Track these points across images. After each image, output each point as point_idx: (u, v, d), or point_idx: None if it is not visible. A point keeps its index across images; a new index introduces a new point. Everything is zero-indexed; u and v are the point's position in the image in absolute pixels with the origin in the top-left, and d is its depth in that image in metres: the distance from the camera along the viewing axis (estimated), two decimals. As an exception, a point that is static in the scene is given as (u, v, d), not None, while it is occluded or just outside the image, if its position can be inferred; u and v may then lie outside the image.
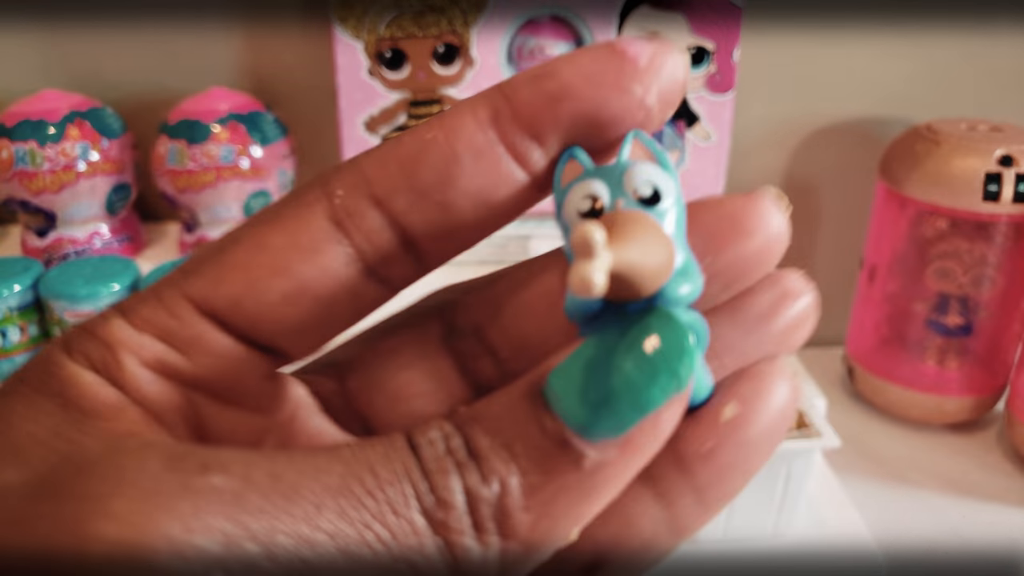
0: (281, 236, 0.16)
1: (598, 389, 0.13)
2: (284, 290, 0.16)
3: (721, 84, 0.59)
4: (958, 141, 0.56)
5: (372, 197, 0.16)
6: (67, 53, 0.65)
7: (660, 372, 0.13)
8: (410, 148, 0.15)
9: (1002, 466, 0.58)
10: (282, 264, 0.15)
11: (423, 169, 0.15)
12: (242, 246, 0.16)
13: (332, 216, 0.16)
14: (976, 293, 0.59)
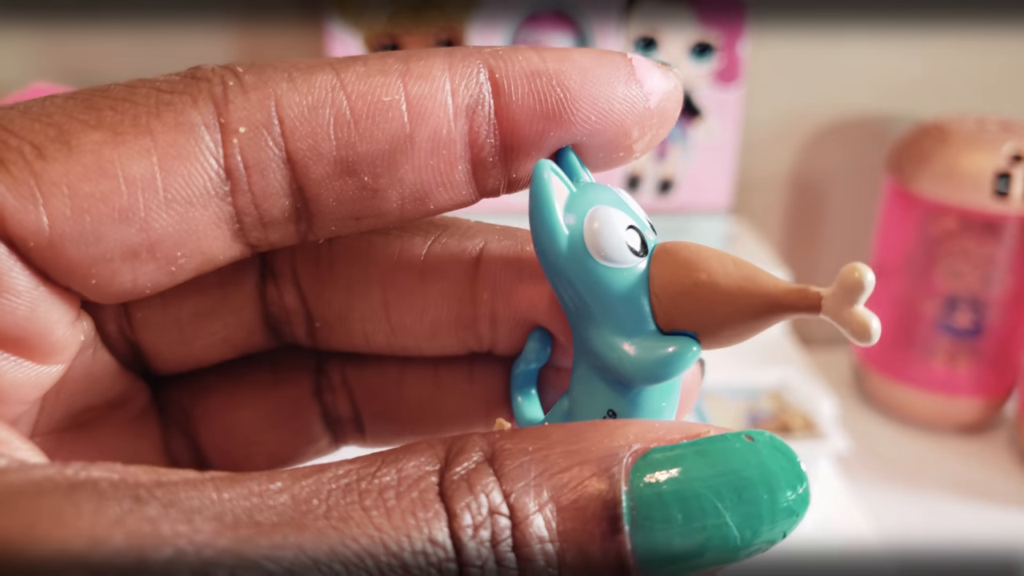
0: (143, 163, 0.11)
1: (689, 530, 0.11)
2: (128, 242, 0.11)
3: (727, 79, 0.58)
4: (967, 138, 0.56)
5: (284, 151, 0.12)
6: (58, 46, 0.65)
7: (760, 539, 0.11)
8: (356, 104, 0.12)
9: (1012, 468, 0.58)
10: (135, 206, 0.11)
11: (364, 142, 0.12)
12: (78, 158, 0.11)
13: (223, 159, 0.12)
14: (985, 293, 0.59)
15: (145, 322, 0.14)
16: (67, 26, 0.64)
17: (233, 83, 0.12)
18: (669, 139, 0.60)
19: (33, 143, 0.11)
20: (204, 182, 0.12)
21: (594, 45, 0.58)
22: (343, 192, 0.12)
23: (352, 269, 0.15)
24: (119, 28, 0.64)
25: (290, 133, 0.12)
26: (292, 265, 0.15)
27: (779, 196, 0.70)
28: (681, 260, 0.13)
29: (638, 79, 0.13)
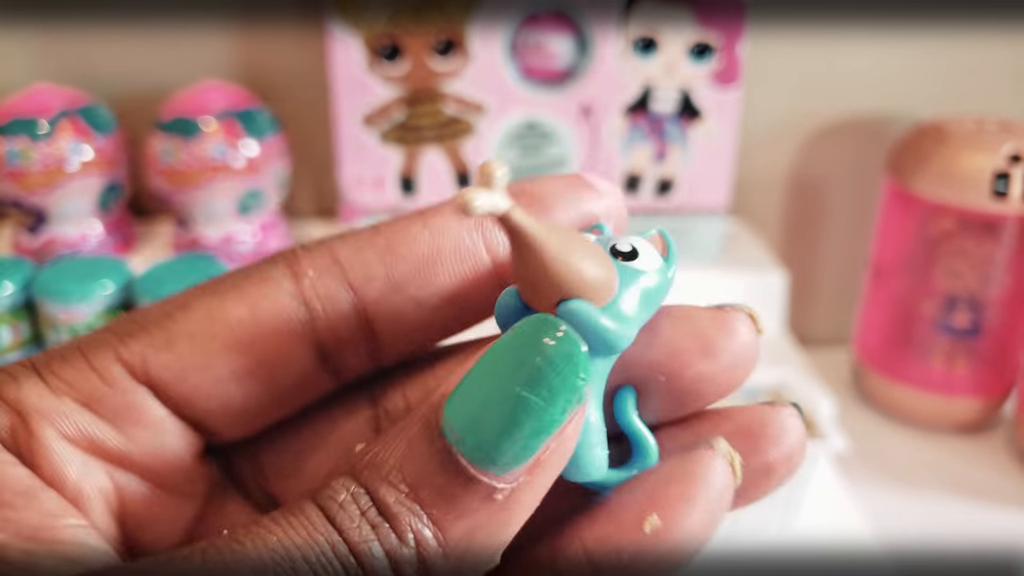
0: (241, 308, 0.15)
1: (495, 417, 0.12)
2: (237, 367, 0.15)
3: (726, 79, 0.59)
4: (966, 138, 0.56)
5: (345, 282, 0.15)
6: (59, 48, 0.65)
7: (558, 391, 0.12)
8: (391, 239, 0.15)
9: (1010, 468, 0.58)
10: (238, 339, 0.15)
11: (403, 262, 0.15)
12: (193, 314, 0.15)
13: (299, 296, 0.15)
14: (984, 293, 0.59)
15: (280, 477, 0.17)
16: (69, 28, 0.64)
17: (300, 248, 0.15)
18: (669, 140, 0.60)
19: (164, 312, 0.15)
20: (287, 312, 0.15)
21: (594, 46, 0.58)
22: (396, 307, 0.15)
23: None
24: (120, 29, 0.64)
25: (347, 267, 0.15)
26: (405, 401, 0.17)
27: (778, 196, 0.71)
28: None
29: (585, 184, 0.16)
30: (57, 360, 0.14)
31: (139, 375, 0.14)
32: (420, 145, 0.60)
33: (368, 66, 0.57)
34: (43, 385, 0.14)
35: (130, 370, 0.14)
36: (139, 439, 0.15)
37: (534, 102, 0.59)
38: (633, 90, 0.59)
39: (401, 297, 0.15)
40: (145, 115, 0.62)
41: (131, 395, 0.14)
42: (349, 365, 0.16)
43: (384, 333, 0.15)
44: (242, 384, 0.15)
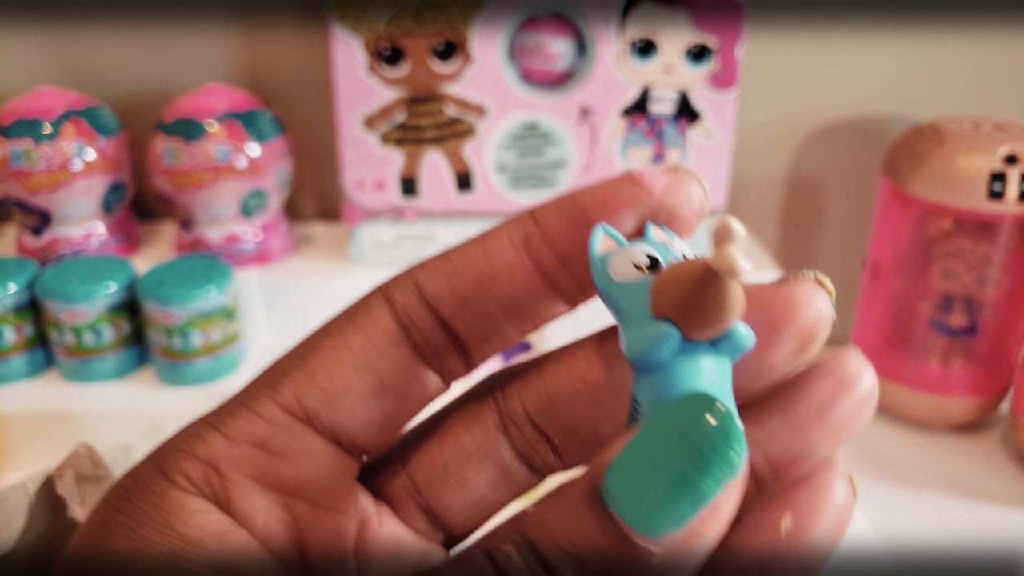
0: (360, 337, 0.17)
1: (654, 487, 0.13)
2: (370, 385, 0.17)
3: (723, 82, 0.59)
4: (962, 139, 0.56)
5: (425, 302, 0.18)
6: (63, 50, 0.65)
7: (712, 462, 0.13)
8: (456, 264, 0.18)
9: (1006, 467, 0.58)
10: (364, 362, 0.17)
11: (465, 283, 0.18)
12: (323, 352, 0.17)
13: (396, 318, 0.18)
14: (980, 293, 0.59)
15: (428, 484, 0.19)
16: (73, 30, 0.64)
17: (391, 279, 0.18)
18: (667, 141, 0.60)
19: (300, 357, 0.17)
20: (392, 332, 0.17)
21: (593, 48, 0.58)
22: (467, 321, 0.18)
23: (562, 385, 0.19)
24: (124, 32, 0.64)
25: (424, 290, 0.18)
26: (521, 405, 0.19)
27: (775, 197, 0.71)
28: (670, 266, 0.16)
29: (638, 180, 0.17)
30: (227, 415, 0.17)
31: (296, 413, 0.17)
32: (421, 147, 0.60)
33: (369, 68, 0.58)
34: (222, 437, 0.17)
35: (288, 411, 0.17)
36: (306, 468, 0.17)
37: (534, 104, 0.59)
38: (632, 92, 0.59)
39: (470, 311, 0.18)
40: (148, 117, 0.63)
41: (293, 431, 0.17)
42: (450, 368, 0.18)
43: (465, 340, 0.18)
44: (377, 398, 0.17)
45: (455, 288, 0.18)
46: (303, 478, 0.17)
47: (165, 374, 0.56)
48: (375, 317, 0.17)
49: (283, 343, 0.18)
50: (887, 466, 0.58)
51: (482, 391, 0.20)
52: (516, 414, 0.19)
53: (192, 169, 0.58)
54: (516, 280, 0.18)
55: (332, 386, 0.17)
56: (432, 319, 0.18)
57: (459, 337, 0.18)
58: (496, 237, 0.18)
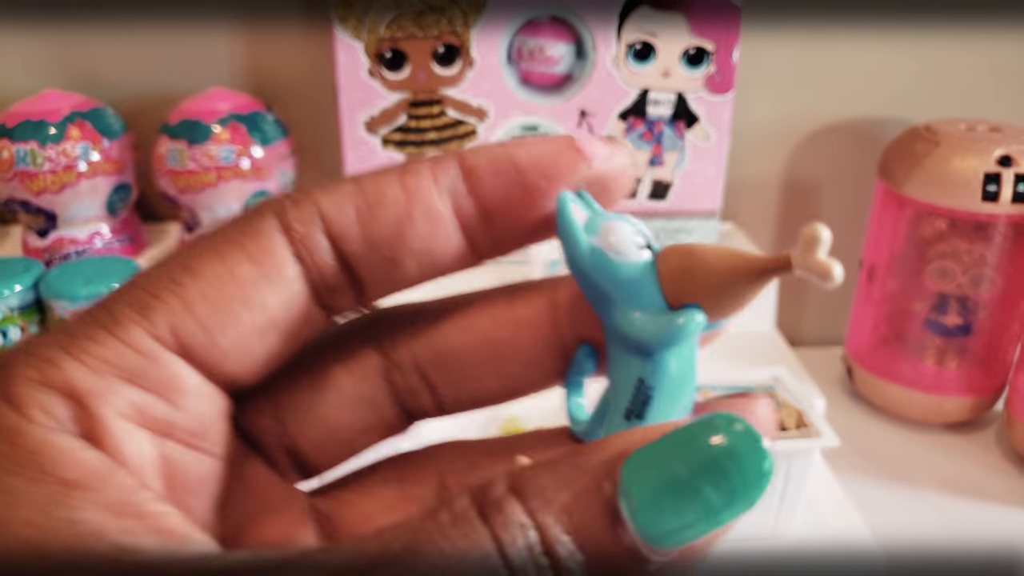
0: (246, 266, 0.15)
1: (672, 503, 0.13)
2: (257, 323, 0.16)
3: (720, 84, 0.59)
4: (957, 141, 0.56)
5: (328, 235, 0.16)
6: (68, 53, 0.65)
7: (740, 500, 0.13)
8: (370, 198, 0.16)
9: (1001, 466, 0.58)
10: (251, 295, 0.15)
11: (378, 225, 0.16)
12: (203, 277, 0.15)
13: (293, 251, 0.16)
14: (975, 293, 0.59)
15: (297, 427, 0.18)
16: (78, 33, 0.64)
17: (286, 200, 0.16)
18: (664, 144, 0.61)
19: (172, 278, 0.15)
20: (288, 266, 0.16)
21: (592, 51, 0.58)
22: (372, 263, 0.16)
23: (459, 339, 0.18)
24: (129, 35, 0.64)
25: (328, 223, 0.16)
26: (410, 351, 0.18)
27: (771, 199, 0.71)
28: (679, 250, 0.16)
29: (578, 148, 0.17)
30: (85, 341, 0.14)
31: (170, 345, 0.15)
32: (422, 149, 0.60)
33: (371, 72, 0.58)
34: (83, 367, 0.14)
35: (161, 341, 0.15)
36: (181, 407, 0.15)
37: (533, 107, 0.60)
38: (630, 95, 0.60)
39: (377, 255, 0.16)
40: (153, 119, 0.63)
41: (171, 367, 0.15)
42: (340, 304, 0.17)
43: (364, 281, 0.17)
44: (262, 336, 0.16)
45: (366, 228, 0.16)
46: (177, 417, 0.15)
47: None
48: (267, 245, 0.16)
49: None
50: (882, 465, 0.58)
51: (366, 332, 0.18)
52: (404, 362, 0.18)
53: (196, 171, 0.59)
54: (434, 231, 0.16)
55: (213, 320, 0.15)
56: (333, 257, 0.16)
57: (358, 277, 0.17)
58: (418, 178, 0.16)
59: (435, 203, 0.16)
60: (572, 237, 0.16)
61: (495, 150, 0.17)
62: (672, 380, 0.16)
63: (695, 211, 0.62)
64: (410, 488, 0.19)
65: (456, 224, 0.17)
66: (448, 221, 0.17)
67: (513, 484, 0.13)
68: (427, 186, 0.16)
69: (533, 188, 0.17)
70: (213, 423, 0.16)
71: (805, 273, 0.15)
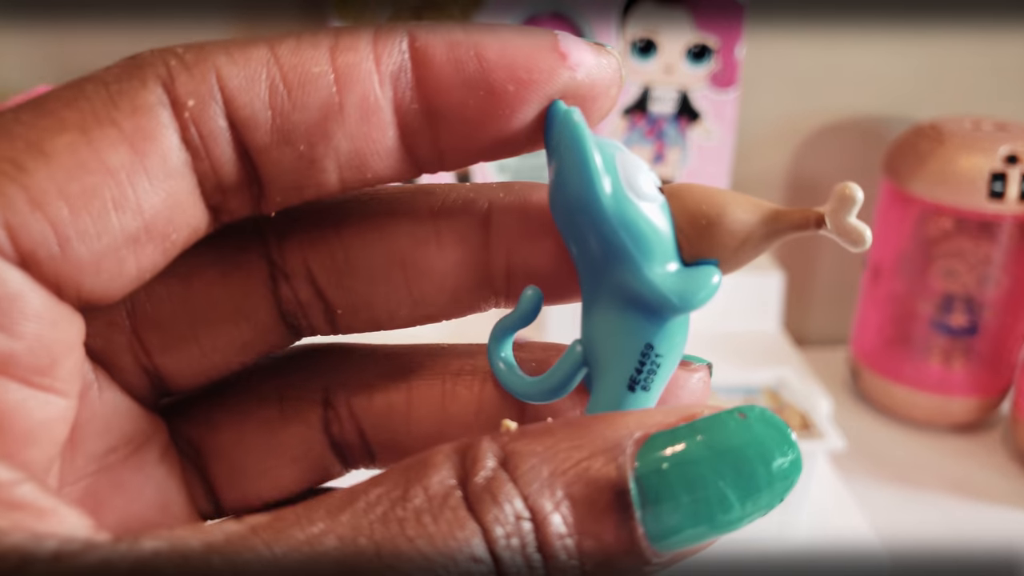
0: (120, 151, 0.12)
1: (695, 508, 0.12)
2: (128, 228, 0.12)
3: (724, 81, 0.59)
4: (963, 139, 0.56)
5: (228, 119, 0.12)
6: (62, 49, 0.65)
7: (761, 508, 0.12)
8: (289, 74, 0.12)
9: (1007, 467, 0.58)
10: (125, 192, 0.12)
11: (296, 111, 0.13)
12: (57, 162, 0.11)
13: (181, 134, 0.12)
14: (981, 293, 0.59)
15: (162, 345, 0.15)
16: (70, 29, 0.64)
17: (175, 62, 0.12)
18: (667, 141, 0.60)
19: (8, 159, 0.11)
20: (174, 156, 0.12)
21: (593, 47, 0.58)
22: (283, 161, 0.13)
23: (368, 253, 0.15)
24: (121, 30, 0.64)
25: (231, 102, 0.12)
26: (304, 261, 0.15)
27: (776, 197, 0.71)
28: (699, 198, 0.14)
29: (561, 52, 0.13)
30: None
31: (8, 254, 0.11)
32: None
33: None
34: None
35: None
36: (20, 337, 0.12)
37: (534, 103, 0.59)
38: (632, 91, 0.59)
39: (288, 152, 0.13)
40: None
41: (6, 283, 0.11)
42: (230, 208, 0.13)
43: (269, 183, 0.13)
44: (132, 246, 0.12)
45: (280, 115, 0.12)
46: (14, 349, 0.12)
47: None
48: (148, 125, 0.12)
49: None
50: (888, 466, 0.58)
51: (250, 231, 0.15)
52: (295, 271, 0.15)
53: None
54: (368, 128, 0.13)
55: (70, 223, 0.11)
56: (232, 146, 0.13)
57: (260, 176, 0.13)
58: (356, 55, 0.13)
59: (372, 89, 0.13)
60: (589, 172, 0.13)
61: (458, 34, 0.13)
62: (679, 348, 0.14)
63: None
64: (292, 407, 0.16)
65: (395, 122, 0.13)
66: (387, 117, 0.13)
67: (504, 458, 0.11)
68: (367, 68, 0.13)
69: (499, 92, 0.13)
70: (62, 354, 0.12)
71: (834, 235, 0.14)
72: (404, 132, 0.13)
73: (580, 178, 0.13)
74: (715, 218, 0.14)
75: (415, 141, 0.13)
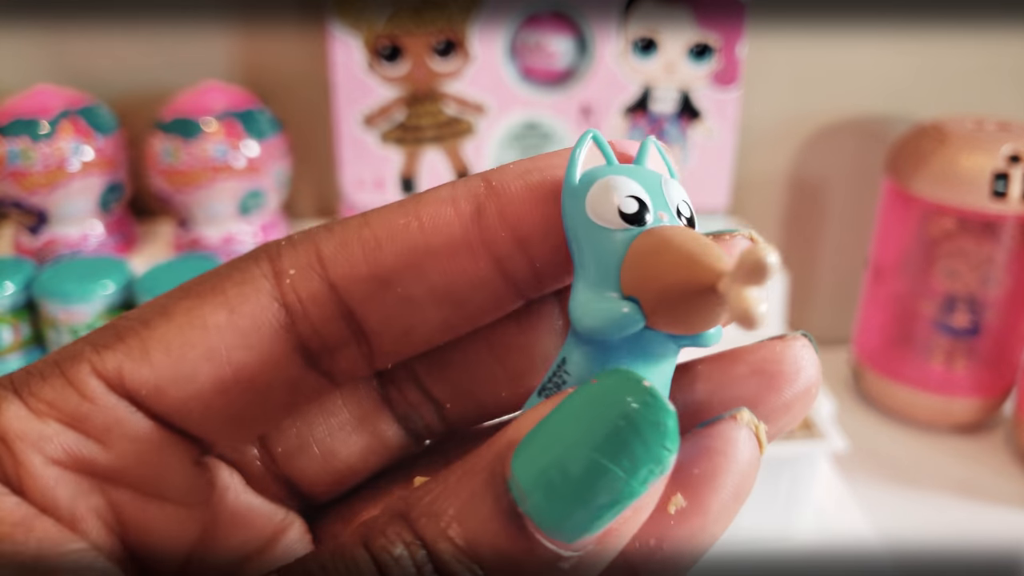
0: (220, 313, 0.14)
1: (571, 485, 0.11)
2: (217, 377, 0.14)
3: (726, 80, 0.59)
4: (965, 139, 0.56)
5: (327, 280, 0.14)
6: (60, 48, 0.65)
7: (641, 462, 0.11)
8: (378, 231, 0.14)
9: (1010, 468, 0.58)
10: (217, 347, 0.14)
11: (390, 257, 0.14)
12: (172, 321, 0.14)
13: (279, 297, 0.14)
14: (983, 293, 0.59)
15: (287, 455, 0.16)
16: (70, 28, 0.64)
17: (284, 243, 0.14)
18: (668, 140, 0.60)
19: (142, 319, 0.14)
20: (267, 317, 0.14)
21: (594, 46, 0.58)
22: (385, 306, 0.14)
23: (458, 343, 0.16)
24: (121, 30, 0.64)
25: (328, 265, 0.14)
26: (406, 364, 0.16)
27: (778, 197, 0.71)
28: (653, 233, 0.13)
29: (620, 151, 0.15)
30: (36, 379, 0.14)
31: (118, 388, 0.14)
32: (420, 145, 0.60)
33: (368, 67, 0.57)
34: (24, 407, 0.13)
35: (108, 384, 0.14)
36: (128, 454, 0.14)
37: (534, 102, 0.59)
38: (633, 90, 0.59)
39: (389, 296, 0.14)
40: (146, 115, 0.62)
41: (114, 411, 0.14)
42: (342, 368, 0.15)
43: (376, 335, 0.14)
44: (227, 395, 0.14)
45: (374, 264, 0.14)
46: (121, 466, 0.14)
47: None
48: (249, 291, 0.14)
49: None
50: (889, 467, 0.58)
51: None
52: (399, 375, 0.16)
53: (190, 168, 0.58)
54: (458, 261, 0.14)
55: (167, 368, 0.13)
56: (333, 307, 0.14)
57: (366, 329, 0.14)
58: (435, 203, 0.14)
59: (456, 228, 0.14)
60: (568, 171, 0.14)
61: (523, 164, 0.14)
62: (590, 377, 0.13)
63: (701, 208, 0.62)
64: None
65: (485, 253, 0.14)
66: (474, 250, 0.14)
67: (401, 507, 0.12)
68: (445, 210, 0.14)
69: None
70: (172, 469, 0.14)
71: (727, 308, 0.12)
72: (498, 261, 0.14)
73: (564, 181, 0.14)
74: (645, 253, 0.13)
75: (511, 265, 0.14)
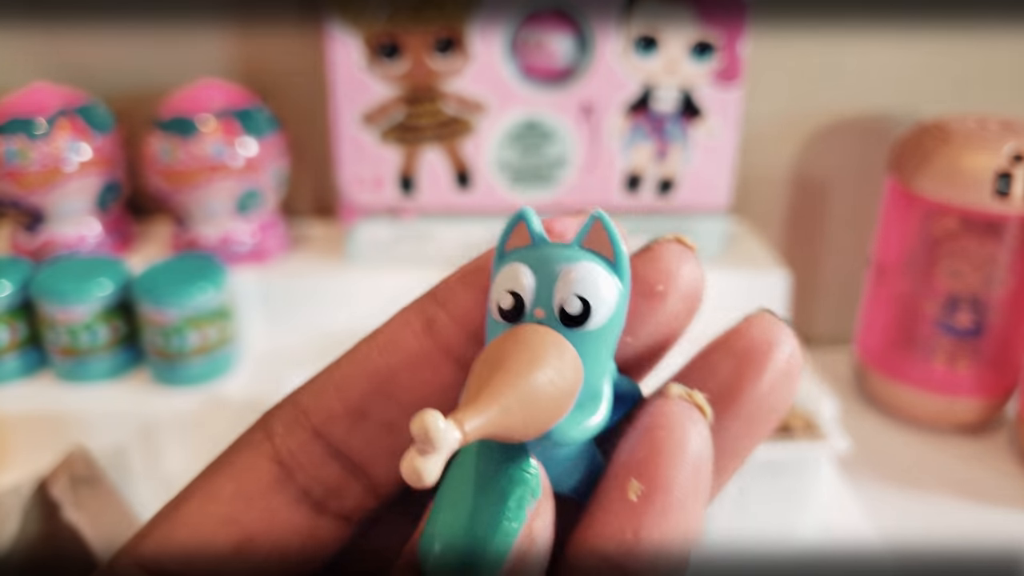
0: (230, 484, 0.15)
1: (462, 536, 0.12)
2: (234, 541, 0.15)
3: (727, 78, 0.58)
4: (968, 138, 0.55)
5: (311, 430, 0.15)
6: (57, 47, 0.64)
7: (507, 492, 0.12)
8: (346, 369, 0.15)
9: (1013, 469, 0.58)
10: (230, 514, 0.15)
11: (358, 389, 0.15)
12: (194, 499, 0.15)
13: (274, 457, 0.15)
14: (986, 293, 0.59)
15: None
16: (67, 27, 0.64)
17: (275, 408, 0.15)
18: (670, 139, 0.60)
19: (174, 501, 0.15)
20: (267, 477, 0.15)
21: (594, 44, 0.57)
22: (367, 435, 0.15)
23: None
24: (118, 28, 0.64)
25: (312, 413, 0.15)
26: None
27: (780, 195, 0.70)
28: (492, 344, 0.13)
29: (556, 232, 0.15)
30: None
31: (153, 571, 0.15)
32: (419, 144, 0.59)
33: (367, 65, 0.57)
34: None
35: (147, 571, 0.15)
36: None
37: (534, 101, 0.58)
38: (634, 89, 0.58)
39: (369, 425, 0.15)
40: (143, 114, 0.62)
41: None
42: (352, 506, 0.15)
43: (369, 465, 0.15)
44: (243, 556, 0.15)
45: (346, 400, 0.15)
46: None
47: (160, 375, 0.55)
48: (251, 458, 0.15)
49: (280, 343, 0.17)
50: (891, 468, 0.57)
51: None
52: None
53: (187, 167, 0.58)
54: (422, 374, 0.15)
55: (191, 543, 0.15)
56: (322, 450, 0.15)
57: (356, 461, 0.15)
58: (390, 330, 0.15)
59: (412, 344, 0.15)
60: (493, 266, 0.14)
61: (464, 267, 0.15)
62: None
63: (702, 207, 0.61)
64: None
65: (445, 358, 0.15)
66: (434, 359, 0.15)
67: None
68: (400, 332, 0.15)
69: None
70: None
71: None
72: (457, 361, 0.15)
73: None
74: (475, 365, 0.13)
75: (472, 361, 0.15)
